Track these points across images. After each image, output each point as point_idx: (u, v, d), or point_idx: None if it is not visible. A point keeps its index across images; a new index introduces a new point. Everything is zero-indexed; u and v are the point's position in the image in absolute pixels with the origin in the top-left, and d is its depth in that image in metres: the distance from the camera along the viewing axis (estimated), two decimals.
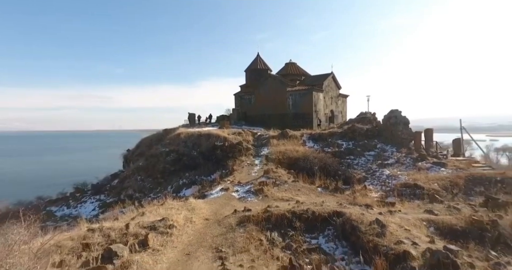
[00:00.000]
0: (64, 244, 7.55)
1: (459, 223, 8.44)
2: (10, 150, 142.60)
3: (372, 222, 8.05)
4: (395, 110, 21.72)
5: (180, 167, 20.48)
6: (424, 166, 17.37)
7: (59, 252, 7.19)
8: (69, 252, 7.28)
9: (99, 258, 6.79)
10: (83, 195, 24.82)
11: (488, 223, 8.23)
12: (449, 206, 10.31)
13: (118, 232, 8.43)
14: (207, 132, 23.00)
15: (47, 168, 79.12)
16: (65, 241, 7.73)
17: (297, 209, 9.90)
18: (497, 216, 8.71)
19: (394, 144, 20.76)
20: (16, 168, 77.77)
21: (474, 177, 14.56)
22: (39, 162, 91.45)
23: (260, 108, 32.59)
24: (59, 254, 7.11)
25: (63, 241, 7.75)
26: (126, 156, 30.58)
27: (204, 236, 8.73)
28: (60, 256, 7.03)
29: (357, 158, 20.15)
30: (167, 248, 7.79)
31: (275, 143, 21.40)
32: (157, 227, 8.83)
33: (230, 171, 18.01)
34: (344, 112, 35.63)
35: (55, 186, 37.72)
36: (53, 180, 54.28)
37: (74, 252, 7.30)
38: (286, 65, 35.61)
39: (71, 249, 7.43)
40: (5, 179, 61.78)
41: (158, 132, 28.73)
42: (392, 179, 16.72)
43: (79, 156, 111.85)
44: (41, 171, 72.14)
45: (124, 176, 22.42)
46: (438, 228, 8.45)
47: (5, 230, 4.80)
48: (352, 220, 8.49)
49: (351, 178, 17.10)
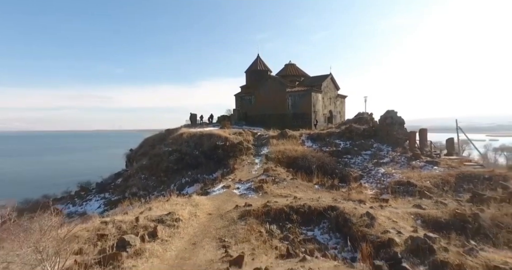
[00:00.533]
0: (80, 235, 8.25)
1: (444, 216, 9.14)
2: (10, 150, 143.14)
3: (363, 214, 8.75)
4: (391, 111, 22.43)
5: (183, 166, 21.18)
6: (417, 165, 18.07)
7: (77, 241, 7.89)
8: (85, 242, 7.99)
9: (114, 246, 7.49)
10: (88, 193, 25.54)
11: (470, 216, 8.93)
12: (437, 201, 11.02)
13: (129, 224, 9.13)
14: (209, 133, 23.70)
15: (47, 168, 79.84)
16: (81, 232, 8.42)
17: (295, 204, 10.59)
18: (479, 210, 9.42)
19: (389, 143, 21.46)
20: (17, 168, 78.40)
21: (464, 175, 15.25)
22: (39, 162, 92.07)
23: (260, 109, 33.29)
24: (76, 243, 7.81)
25: (79, 232, 8.44)
26: (129, 156, 31.29)
27: (208, 228, 9.42)
28: (78, 245, 7.73)
29: (354, 157, 20.85)
30: (174, 239, 8.48)
31: (274, 142, 22.10)
32: (165, 220, 9.53)
33: (231, 170, 18.70)
34: (343, 113, 36.35)
35: (57, 186, 38.49)
36: (54, 179, 55.07)
37: (90, 242, 8.01)
38: (286, 66, 36.32)
39: (87, 239, 8.13)
40: (5, 178, 62.55)
41: (160, 132, 29.44)
42: (387, 177, 17.42)
43: (79, 156, 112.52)
44: (42, 171, 72.83)
45: (128, 175, 23.12)
46: (424, 220, 9.15)
47: (38, 218, 5.50)
48: (345, 213, 9.18)
49: (348, 176, 17.78)
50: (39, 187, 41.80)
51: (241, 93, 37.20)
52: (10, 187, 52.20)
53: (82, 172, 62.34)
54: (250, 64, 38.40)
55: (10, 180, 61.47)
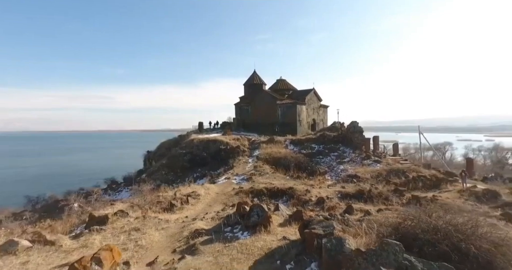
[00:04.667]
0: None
1: (352, 191, 15.79)
2: (24, 150, 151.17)
3: (304, 191, 15.43)
4: (354, 122, 29.04)
5: (194, 164, 27.87)
6: (367, 163, 24.70)
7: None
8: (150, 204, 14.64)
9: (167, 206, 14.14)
10: (118, 186, 32.35)
11: (367, 191, 15.55)
12: (357, 185, 17.65)
13: (171, 197, 15.78)
14: (214, 139, 30.42)
15: (67, 165, 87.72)
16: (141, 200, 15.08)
17: (269, 187, 17.29)
18: (374, 187, 16.04)
19: (351, 147, 28.08)
20: (38, 167, 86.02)
21: (393, 169, 21.89)
22: (56, 161, 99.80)
23: (255, 117, 39.98)
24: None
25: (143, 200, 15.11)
26: (147, 156, 38.20)
27: (216, 199, 16.10)
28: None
29: (324, 157, 27.50)
30: (198, 203, 15.14)
31: (264, 146, 28.75)
32: (191, 195, 16.18)
33: (231, 167, 25.38)
34: (325, 120, 43.02)
35: (84, 181, 45.74)
36: (74, 177, 62.80)
37: (152, 203, 14.66)
38: (277, 82, 43.07)
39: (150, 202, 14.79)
40: (42, 174, 71.34)
41: (174, 138, 36.28)
42: (343, 171, 24.06)
43: (89, 155, 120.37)
44: (61, 169, 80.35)
45: (151, 171, 29.85)
46: (341, 193, 15.79)
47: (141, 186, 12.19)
48: (295, 190, 15.86)
49: (316, 171, 24.45)
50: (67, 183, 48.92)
51: (240, 103, 43.92)
52: (46, 180, 60.34)
53: (97, 170, 70.51)
54: (248, 78, 45.12)
55: (41, 176, 69.53)
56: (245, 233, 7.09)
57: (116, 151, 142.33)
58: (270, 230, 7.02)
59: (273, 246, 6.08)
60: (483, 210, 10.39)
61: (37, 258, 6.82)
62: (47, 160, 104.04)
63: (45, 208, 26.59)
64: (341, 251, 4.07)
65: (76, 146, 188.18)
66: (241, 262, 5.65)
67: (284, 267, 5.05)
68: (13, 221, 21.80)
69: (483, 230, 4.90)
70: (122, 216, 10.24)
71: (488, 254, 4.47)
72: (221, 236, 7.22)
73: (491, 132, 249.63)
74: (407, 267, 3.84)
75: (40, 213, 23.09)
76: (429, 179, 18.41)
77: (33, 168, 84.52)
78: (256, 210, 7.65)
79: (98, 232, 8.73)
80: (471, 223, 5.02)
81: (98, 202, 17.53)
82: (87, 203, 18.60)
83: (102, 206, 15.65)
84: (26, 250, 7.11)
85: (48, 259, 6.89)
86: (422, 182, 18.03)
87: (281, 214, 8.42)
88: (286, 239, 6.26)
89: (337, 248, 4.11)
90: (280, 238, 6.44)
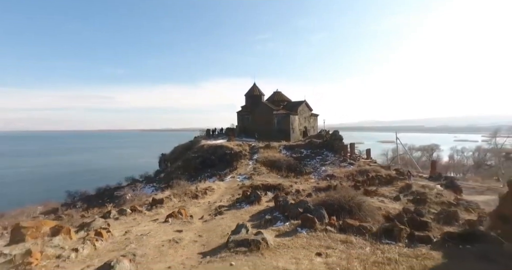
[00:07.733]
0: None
1: (323, 186, 21.99)
2: (28, 150, 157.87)
3: (289, 185, 21.67)
4: (336, 131, 35.32)
5: (205, 166, 34.13)
6: (343, 165, 30.92)
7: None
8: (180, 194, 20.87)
9: (193, 196, 20.39)
10: (140, 183, 38.66)
11: (333, 185, 21.75)
12: (329, 181, 23.86)
13: (194, 190, 22.06)
14: (220, 144, 36.67)
15: (76, 164, 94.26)
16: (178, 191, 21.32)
17: (264, 183, 23.53)
18: (341, 184, 22.26)
19: (333, 152, 34.29)
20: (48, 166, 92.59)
21: (362, 170, 28.10)
22: (63, 160, 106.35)
23: (255, 125, 46.24)
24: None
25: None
26: (162, 158, 44.57)
27: (226, 192, 22.35)
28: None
29: (311, 160, 33.73)
30: (214, 195, 21.38)
31: (262, 151, 34.99)
32: (207, 189, 22.46)
33: (235, 168, 31.62)
34: (316, 127, 49.27)
35: (100, 180, 52.12)
36: (88, 176, 69.50)
37: (181, 194, 20.89)
38: (274, 93, 49.42)
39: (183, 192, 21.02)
40: (59, 172, 77.88)
41: (186, 143, 42.63)
42: (324, 172, 30.29)
43: (94, 155, 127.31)
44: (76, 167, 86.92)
45: (169, 171, 36.14)
46: (315, 188, 21.98)
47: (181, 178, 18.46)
48: (283, 185, 22.11)
49: (303, 171, 30.71)
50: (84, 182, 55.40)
51: (242, 112, 50.21)
52: (61, 179, 66.76)
53: (108, 170, 77.29)
54: (248, 89, 51.41)
55: (56, 175, 75.86)
56: (247, 205, 13.34)
57: (117, 151, 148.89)
58: (261, 203, 13.28)
59: (261, 209, 12.34)
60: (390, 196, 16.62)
61: (138, 217, 13.09)
62: (57, 159, 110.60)
63: (85, 200, 32.99)
64: (286, 204, 10.31)
65: (78, 146, 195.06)
66: (245, 216, 11.90)
67: (265, 216, 11.27)
68: (67, 209, 28.23)
69: (355, 199, 11.16)
70: (170, 199, 16.52)
71: (353, 207, 10.73)
72: (234, 207, 13.47)
73: (489, 132, 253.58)
74: (311, 210, 10.04)
75: (86, 203, 29.45)
76: (384, 177, 24.60)
77: (41, 167, 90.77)
78: (253, 194, 13.93)
79: (161, 207, 14.99)
80: (350, 196, 11.27)
81: (140, 194, 23.80)
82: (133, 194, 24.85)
83: (145, 196, 22.05)
84: (130, 214, 13.38)
85: (141, 218, 13.15)
86: (378, 179, 24.21)
87: (268, 196, 14.68)
88: (268, 206, 12.52)
89: (284, 202, 10.36)
90: (266, 207, 12.69)
